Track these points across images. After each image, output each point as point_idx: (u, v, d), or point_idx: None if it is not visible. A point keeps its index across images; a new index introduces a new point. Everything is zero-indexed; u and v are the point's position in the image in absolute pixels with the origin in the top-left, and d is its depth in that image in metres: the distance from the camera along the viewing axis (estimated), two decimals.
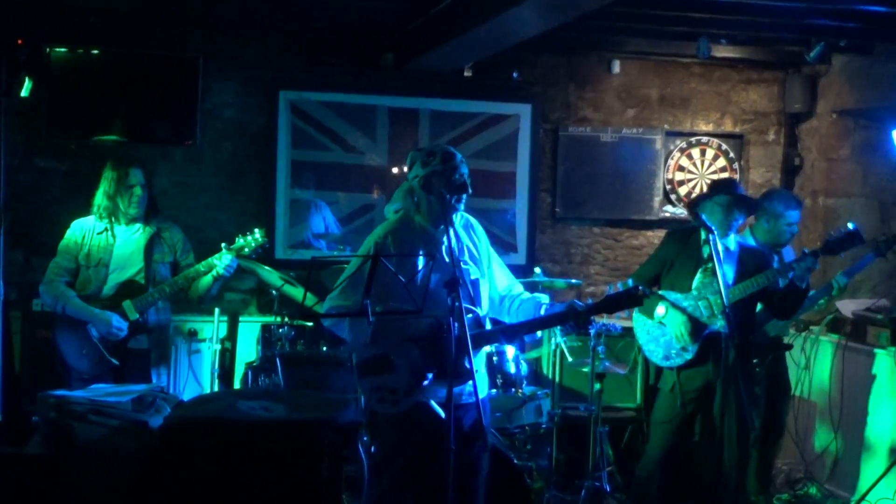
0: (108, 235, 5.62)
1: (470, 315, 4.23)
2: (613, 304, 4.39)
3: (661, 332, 5.55)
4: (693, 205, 5.75)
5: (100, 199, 5.66)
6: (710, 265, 5.39)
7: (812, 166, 7.92)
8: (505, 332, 4.55)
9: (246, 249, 5.65)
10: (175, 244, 5.79)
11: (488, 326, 4.47)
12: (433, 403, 4.28)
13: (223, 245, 5.68)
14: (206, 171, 7.35)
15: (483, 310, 4.43)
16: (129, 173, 5.60)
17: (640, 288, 4.34)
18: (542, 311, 4.44)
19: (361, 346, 4.35)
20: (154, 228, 5.72)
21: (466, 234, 4.52)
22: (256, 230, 5.71)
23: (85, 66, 7.00)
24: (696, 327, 5.42)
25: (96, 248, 5.60)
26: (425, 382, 4.26)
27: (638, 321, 5.69)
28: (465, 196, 4.37)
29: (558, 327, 5.49)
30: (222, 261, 5.60)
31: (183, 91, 7.12)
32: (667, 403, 5.64)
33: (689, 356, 5.45)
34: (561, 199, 7.87)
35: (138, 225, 5.70)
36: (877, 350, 6.62)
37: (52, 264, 5.64)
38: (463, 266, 4.28)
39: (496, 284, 4.60)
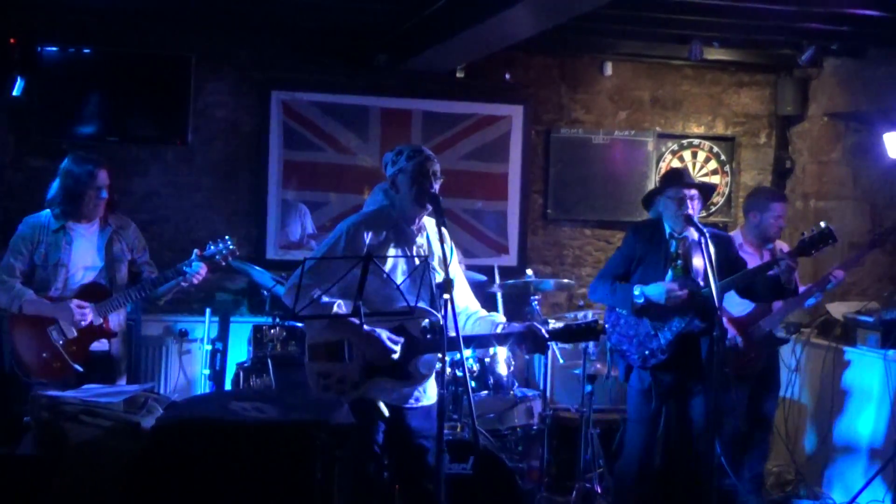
0: (65, 234, 5.36)
1: (430, 319, 4.27)
2: (572, 335, 4.49)
3: (634, 331, 5.47)
4: (646, 202, 5.75)
5: (59, 196, 5.37)
6: (679, 263, 5.41)
7: (803, 169, 7.95)
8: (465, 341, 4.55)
9: (217, 257, 5.48)
10: (132, 242, 5.59)
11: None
12: (381, 404, 4.30)
13: (195, 252, 5.47)
14: (197, 170, 7.33)
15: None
16: (97, 175, 5.35)
17: (600, 324, 4.41)
18: (499, 330, 4.44)
19: (316, 328, 4.37)
20: (112, 226, 5.50)
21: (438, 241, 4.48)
22: (228, 238, 5.54)
23: (77, 66, 6.98)
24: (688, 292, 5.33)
25: (54, 247, 5.33)
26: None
27: (608, 320, 5.63)
28: (430, 192, 4.34)
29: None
30: (192, 269, 5.41)
31: (175, 91, 7.11)
32: (640, 401, 5.55)
33: (664, 357, 5.39)
34: (553, 200, 7.88)
35: (95, 223, 5.47)
36: (867, 352, 6.64)
37: (4, 264, 5.34)
38: (431, 270, 4.29)
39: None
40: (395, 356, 4.28)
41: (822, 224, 5.33)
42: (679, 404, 5.60)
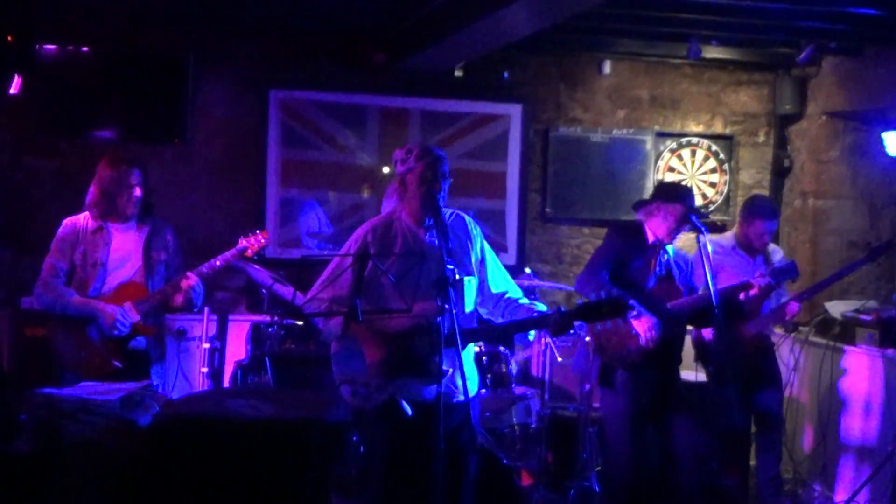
0: (104, 234, 5.41)
1: (446, 315, 4.25)
2: (595, 311, 4.28)
3: (613, 330, 5.37)
4: (645, 207, 5.52)
5: (95, 197, 5.42)
6: (661, 273, 5.37)
7: (802, 168, 7.94)
8: (485, 333, 4.54)
9: (249, 251, 5.56)
10: (167, 243, 5.61)
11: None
12: (403, 402, 4.29)
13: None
14: (196, 169, 7.34)
15: (468, 308, 4.43)
16: (130, 173, 5.40)
17: (622, 298, 4.29)
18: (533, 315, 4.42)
19: (335, 337, 4.36)
20: (149, 226, 5.54)
21: (454, 232, 4.48)
22: (258, 231, 5.61)
23: (75, 65, 6.98)
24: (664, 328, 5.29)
25: (92, 247, 5.38)
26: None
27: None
28: (438, 193, 4.33)
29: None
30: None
31: (173, 90, 7.12)
32: (618, 400, 5.42)
33: (640, 360, 5.30)
34: (551, 199, 7.88)
35: (133, 223, 5.50)
36: (865, 351, 6.63)
37: (46, 265, 5.40)
38: (446, 266, 4.27)
39: (491, 285, 4.56)
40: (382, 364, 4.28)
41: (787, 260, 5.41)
42: (658, 425, 5.48)
